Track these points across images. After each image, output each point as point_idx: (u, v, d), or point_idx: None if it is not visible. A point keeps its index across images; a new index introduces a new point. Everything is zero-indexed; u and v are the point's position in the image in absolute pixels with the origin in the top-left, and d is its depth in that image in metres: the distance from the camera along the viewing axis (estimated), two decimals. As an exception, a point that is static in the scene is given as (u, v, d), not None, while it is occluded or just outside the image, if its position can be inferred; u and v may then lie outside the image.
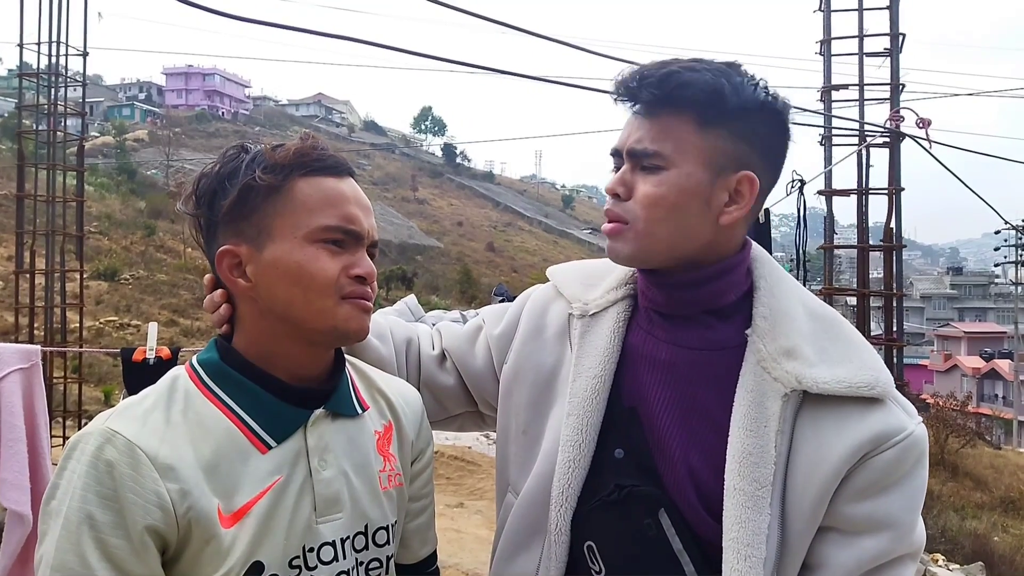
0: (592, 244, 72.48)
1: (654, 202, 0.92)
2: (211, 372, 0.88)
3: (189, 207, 0.91)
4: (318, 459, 0.88)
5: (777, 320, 0.94)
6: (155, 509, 0.78)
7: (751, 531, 0.86)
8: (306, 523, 0.86)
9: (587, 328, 1.03)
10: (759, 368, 0.92)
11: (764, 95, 0.93)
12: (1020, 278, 31.17)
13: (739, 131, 0.92)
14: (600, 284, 1.07)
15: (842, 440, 0.88)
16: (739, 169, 0.93)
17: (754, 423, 0.89)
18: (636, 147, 0.94)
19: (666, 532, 0.92)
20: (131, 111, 73.02)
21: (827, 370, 0.90)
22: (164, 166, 52.88)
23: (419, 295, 1.91)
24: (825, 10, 6.51)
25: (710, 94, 0.90)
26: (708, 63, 0.94)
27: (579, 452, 0.97)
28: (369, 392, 1.00)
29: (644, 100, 0.93)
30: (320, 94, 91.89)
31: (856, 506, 0.88)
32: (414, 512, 1.04)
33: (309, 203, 0.87)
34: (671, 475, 0.93)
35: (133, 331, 23.60)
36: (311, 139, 0.91)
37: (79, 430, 0.88)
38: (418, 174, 74.51)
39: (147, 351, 2.64)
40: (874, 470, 0.88)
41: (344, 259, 0.88)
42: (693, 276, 0.96)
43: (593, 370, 0.99)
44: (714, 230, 0.94)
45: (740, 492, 0.88)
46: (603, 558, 0.95)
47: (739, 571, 0.86)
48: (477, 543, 9.30)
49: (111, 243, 34.22)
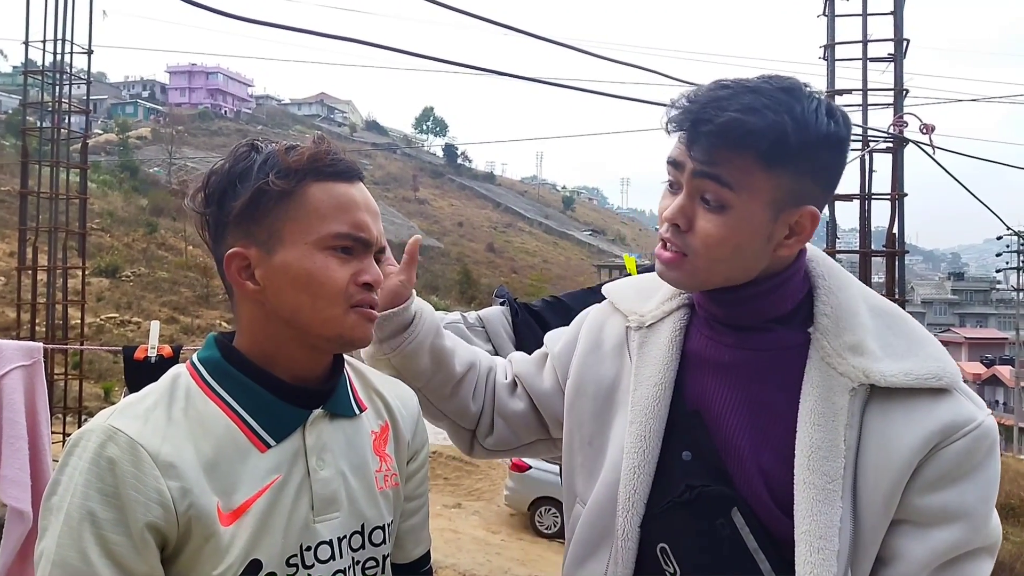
0: (592, 246, 72.50)
1: (717, 243, 0.91)
2: (212, 370, 0.89)
3: (197, 204, 0.91)
4: (316, 459, 0.89)
5: (840, 317, 0.94)
6: (156, 506, 0.79)
7: (823, 524, 0.87)
8: (304, 522, 0.87)
9: (645, 339, 1.04)
10: (824, 364, 0.92)
11: (827, 124, 0.89)
12: (1021, 284, 31.14)
13: (803, 168, 0.89)
14: (654, 296, 1.08)
15: (911, 432, 0.88)
16: (801, 204, 0.91)
17: (822, 417, 0.90)
18: (706, 170, 0.89)
19: (740, 531, 0.92)
20: (134, 109, 73.12)
21: (893, 364, 0.91)
22: (167, 164, 52.94)
23: (418, 295, 1.91)
24: (829, 15, 6.50)
25: (774, 139, 0.86)
26: (768, 94, 0.87)
27: (643, 458, 0.98)
28: (367, 393, 1.01)
29: (703, 147, 0.89)
30: (322, 94, 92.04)
31: (928, 497, 0.88)
32: (409, 512, 1.04)
33: (321, 209, 0.87)
34: (742, 474, 0.94)
35: (134, 328, 23.62)
36: (324, 143, 0.91)
37: (79, 427, 0.89)
38: (419, 174, 74.55)
39: (149, 349, 2.65)
40: (945, 461, 0.88)
41: (353, 266, 0.89)
42: (751, 291, 0.96)
43: (653, 378, 1.01)
44: (770, 259, 0.95)
45: (811, 485, 0.88)
46: (677, 559, 0.96)
47: (812, 563, 0.86)
48: (474, 544, 9.31)
49: (113, 240, 34.23)
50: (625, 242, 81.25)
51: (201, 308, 29.42)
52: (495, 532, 10.13)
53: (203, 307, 29.62)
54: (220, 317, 27.35)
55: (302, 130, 69.71)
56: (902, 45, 6.19)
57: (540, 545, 9.70)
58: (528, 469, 10.05)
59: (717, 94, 0.89)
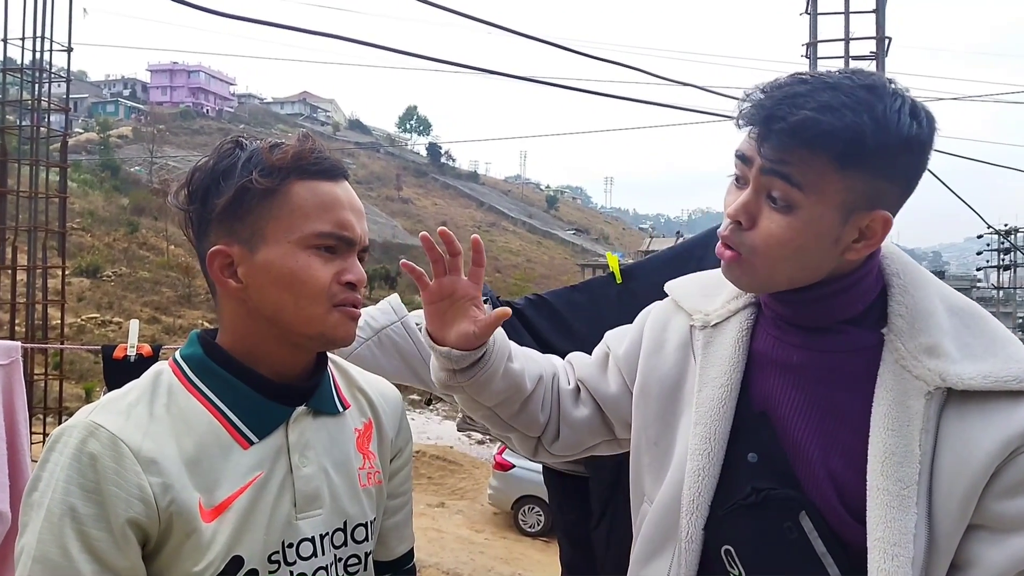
0: (575, 245, 72.58)
1: (779, 243, 0.88)
2: (195, 367, 0.88)
3: (181, 201, 0.90)
4: (299, 456, 0.89)
5: (916, 318, 0.91)
6: (137, 502, 0.78)
7: (897, 531, 0.85)
8: (286, 519, 0.86)
9: (710, 339, 1.02)
10: (898, 367, 0.89)
11: (909, 126, 0.84)
12: (1002, 282, 31.61)
13: (879, 170, 0.85)
14: (719, 294, 1.05)
15: (990, 436, 0.85)
16: (874, 208, 0.87)
17: (896, 422, 0.87)
18: (775, 168, 0.86)
19: (808, 535, 0.90)
20: (115, 108, 72.23)
21: (971, 366, 0.87)
22: (148, 163, 52.31)
23: (403, 295, 1.91)
24: (811, 13, 6.55)
25: (850, 140, 0.82)
26: (849, 92, 0.83)
27: (708, 460, 0.96)
28: (350, 390, 1.01)
29: (774, 145, 0.85)
30: (305, 92, 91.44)
31: (1007, 503, 0.85)
32: (392, 509, 1.04)
33: (304, 208, 0.87)
34: (810, 478, 0.91)
35: (115, 328, 23.32)
36: (309, 141, 0.90)
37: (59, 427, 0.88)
38: (403, 173, 74.27)
39: (128, 348, 2.62)
40: (1022, 465, 0.84)
41: (336, 265, 0.88)
42: (818, 293, 0.93)
43: (719, 379, 0.98)
44: (837, 262, 0.91)
45: (884, 492, 0.86)
46: (742, 562, 0.94)
47: (886, 571, 0.84)
48: (458, 543, 9.30)
49: (93, 240, 33.80)
50: (609, 241, 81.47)
51: (183, 308, 29.13)
52: (479, 531, 10.13)
53: (185, 307, 29.33)
54: (202, 317, 27.09)
55: (285, 128, 69.12)
56: (884, 43, 6.24)
57: (524, 544, 9.71)
58: (511, 468, 10.05)
59: (794, 90, 0.85)
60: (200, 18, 56.00)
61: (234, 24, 41.33)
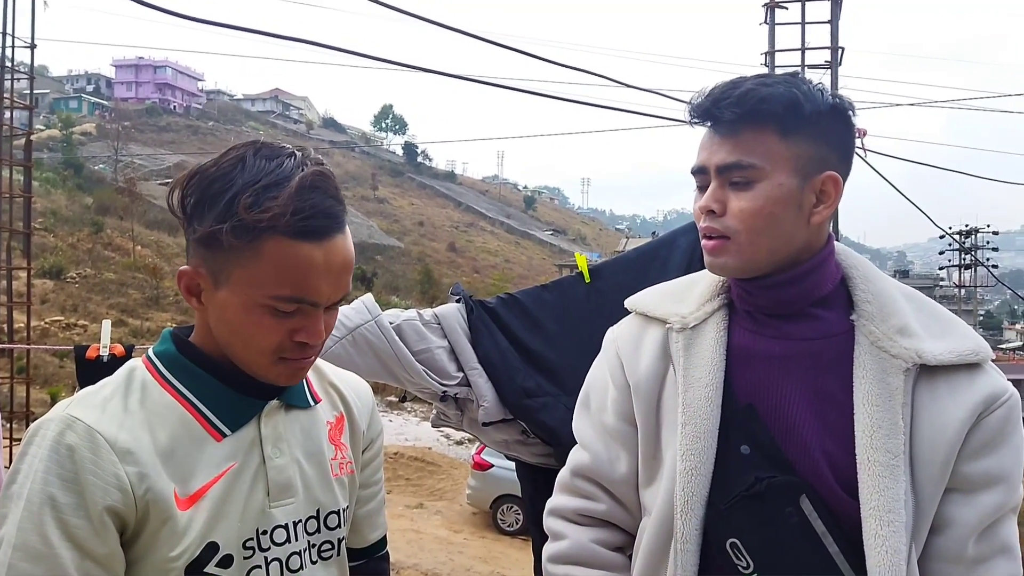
0: (553, 245, 72.76)
1: (753, 215, 0.97)
2: (168, 363, 0.90)
3: (174, 202, 0.88)
4: (271, 447, 0.91)
5: (883, 303, 0.99)
6: (114, 491, 0.81)
7: (890, 498, 0.91)
8: (260, 507, 0.89)
9: (690, 340, 1.05)
10: (875, 348, 0.97)
11: (832, 98, 0.98)
12: (964, 281, 32.43)
13: (817, 135, 0.97)
14: (689, 298, 1.09)
15: (958, 405, 0.94)
16: (822, 170, 0.98)
17: (879, 398, 0.94)
18: (727, 162, 0.97)
19: (808, 517, 0.95)
20: (78, 104, 70.60)
21: (938, 343, 0.96)
22: (113, 161, 51.25)
23: (379, 296, 1.94)
24: (769, 23, 6.75)
25: (788, 104, 0.94)
26: (775, 76, 0.98)
27: (700, 459, 0.99)
28: (322, 385, 1.03)
29: (726, 120, 0.96)
30: (277, 89, 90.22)
31: (974, 464, 0.94)
32: (365, 498, 1.07)
33: (273, 267, 0.82)
34: (806, 461, 0.96)
35: (80, 331, 22.83)
36: (308, 196, 0.82)
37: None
38: (378, 173, 73.75)
39: (101, 348, 2.61)
40: (987, 429, 0.94)
41: (293, 323, 0.86)
42: (793, 274, 1.00)
43: (703, 378, 1.02)
44: (807, 231, 0.99)
45: (875, 463, 0.92)
46: (750, 553, 0.97)
47: (883, 536, 0.90)
48: (436, 543, 9.29)
49: (57, 240, 33.02)
50: (586, 241, 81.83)
51: (151, 310, 28.61)
52: (457, 531, 10.13)
53: (153, 309, 28.81)
54: (171, 320, 26.63)
55: (255, 126, 68.22)
56: (838, 53, 6.46)
57: (502, 543, 9.74)
58: (490, 468, 10.06)
59: (732, 81, 0.99)
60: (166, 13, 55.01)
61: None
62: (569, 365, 1.78)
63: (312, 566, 0.94)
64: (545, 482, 2.16)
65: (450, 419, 1.95)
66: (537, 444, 1.93)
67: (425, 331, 1.87)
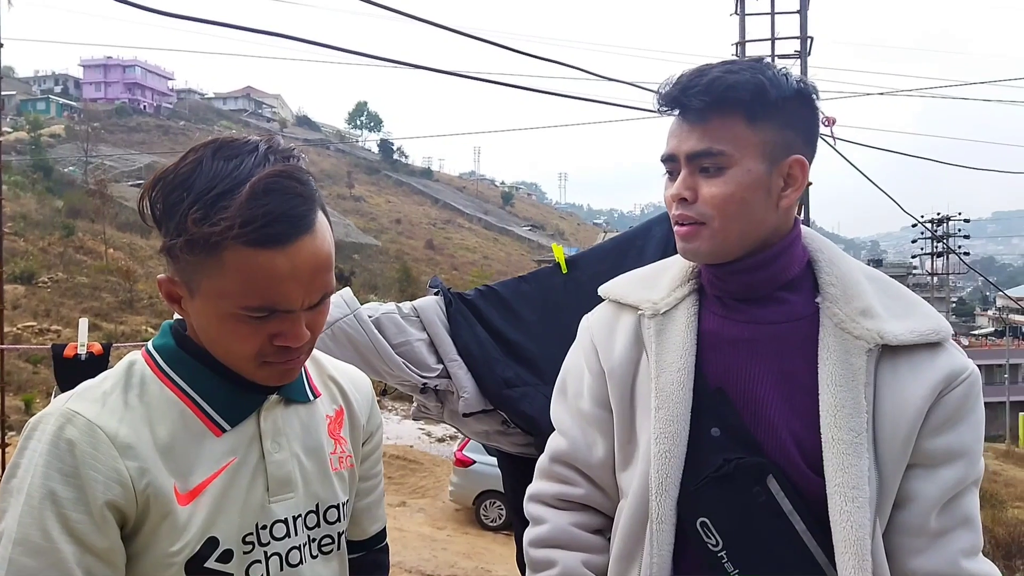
0: (532, 241, 72.86)
1: (724, 200, 0.98)
2: (167, 358, 0.90)
3: (144, 210, 0.86)
4: (271, 442, 0.91)
5: (847, 285, 1.02)
6: (115, 485, 0.81)
7: (854, 475, 0.94)
8: (259, 502, 0.89)
9: (661, 326, 1.07)
10: (839, 330, 0.99)
11: (797, 82, 1.00)
12: (936, 268, 33.03)
13: (784, 120, 0.99)
14: (660, 284, 1.11)
15: (919, 383, 0.97)
16: (789, 154, 1.00)
17: (842, 379, 0.97)
18: (697, 149, 0.99)
19: (775, 496, 0.98)
20: (46, 105, 69.14)
21: (899, 324, 0.99)
22: (83, 163, 50.38)
23: (357, 294, 1.93)
24: (740, 14, 6.84)
25: (754, 91, 0.96)
26: (741, 63, 1.00)
27: (673, 442, 1.02)
28: (321, 379, 1.03)
29: (695, 107, 0.98)
30: (249, 87, 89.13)
31: (935, 440, 0.97)
32: (364, 491, 1.08)
33: (237, 278, 0.80)
34: (773, 441, 0.99)
35: (53, 336, 22.42)
36: (262, 201, 0.78)
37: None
38: (354, 171, 73.27)
39: (79, 347, 2.58)
40: (947, 406, 0.97)
41: (271, 328, 0.84)
42: (761, 258, 1.02)
43: (676, 363, 1.04)
44: (776, 214, 1.02)
45: (839, 442, 0.95)
46: (719, 531, 1.00)
47: (848, 512, 0.93)
48: (420, 540, 9.28)
49: (27, 244, 32.40)
50: (564, 236, 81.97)
51: (125, 314, 28.18)
52: (441, 528, 10.14)
53: (127, 312, 28.39)
54: (146, 323, 26.28)
55: (227, 125, 67.29)
56: (807, 43, 6.57)
57: (486, 538, 9.76)
58: (472, 464, 10.08)
59: (699, 68, 1.01)
60: (135, 11, 53.88)
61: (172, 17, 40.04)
62: (548, 355, 1.79)
63: (312, 560, 0.94)
64: (526, 472, 2.17)
65: (430, 411, 1.95)
66: (517, 434, 1.94)
67: (404, 324, 1.88)
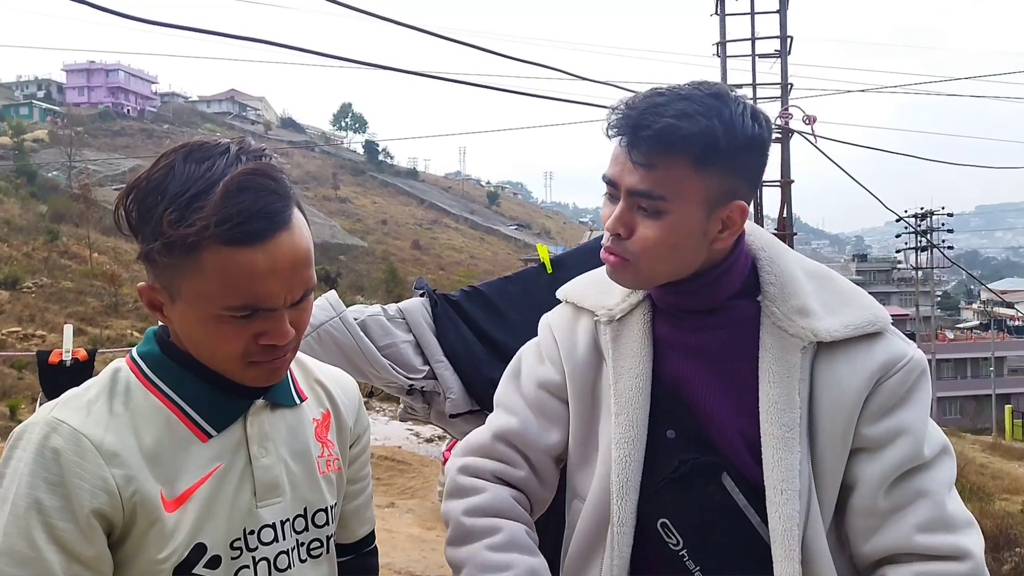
0: (518, 240, 72.85)
1: (655, 245, 0.99)
2: (152, 364, 0.90)
3: (120, 219, 0.86)
4: (257, 447, 0.91)
5: (784, 284, 1.04)
6: (101, 493, 0.81)
7: (785, 468, 0.98)
8: (246, 507, 0.89)
9: (617, 332, 1.09)
10: (776, 328, 1.02)
11: (752, 127, 0.97)
12: (921, 263, 33.37)
13: (731, 167, 0.98)
14: (615, 289, 1.11)
15: (856, 375, 0.99)
16: (730, 200, 0.99)
17: (777, 375, 1.00)
18: (638, 188, 0.97)
19: (731, 492, 1.01)
20: (29, 110, 68.35)
21: (834, 319, 1.01)
22: (66, 167, 49.80)
23: (344, 296, 1.95)
24: (720, 14, 6.91)
25: (706, 142, 0.94)
26: (699, 100, 0.95)
27: (633, 447, 1.04)
28: (307, 382, 1.03)
29: (642, 151, 0.96)
30: (233, 90, 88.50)
31: (875, 426, 0.99)
32: (352, 494, 1.08)
33: (217, 279, 0.80)
34: (725, 440, 1.02)
35: (38, 341, 22.16)
36: (236, 200, 0.79)
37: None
38: (339, 172, 72.95)
39: (64, 353, 2.57)
40: (885, 393, 0.99)
41: (255, 327, 0.84)
42: (700, 282, 1.04)
43: (633, 369, 1.06)
44: (709, 252, 1.02)
45: (772, 436, 0.99)
46: (679, 531, 1.02)
47: (778, 504, 0.97)
48: (409, 542, 9.26)
49: (11, 250, 32.06)
50: (551, 235, 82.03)
51: (110, 318, 27.93)
52: (430, 528, 10.12)
53: (112, 317, 28.14)
54: (131, 327, 26.04)
55: (212, 128, 66.80)
56: (787, 42, 6.65)
57: (476, 538, 9.74)
58: (461, 463, 10.05)
59: (654, 101, 0.97)
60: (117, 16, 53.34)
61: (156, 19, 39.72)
62: (533, 355, 1.81)
63: (301, 564, 0.94)
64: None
65: (417, 412, 1.97)
66: (504, 433, 1.96)
67: (390, 326, 1.89)
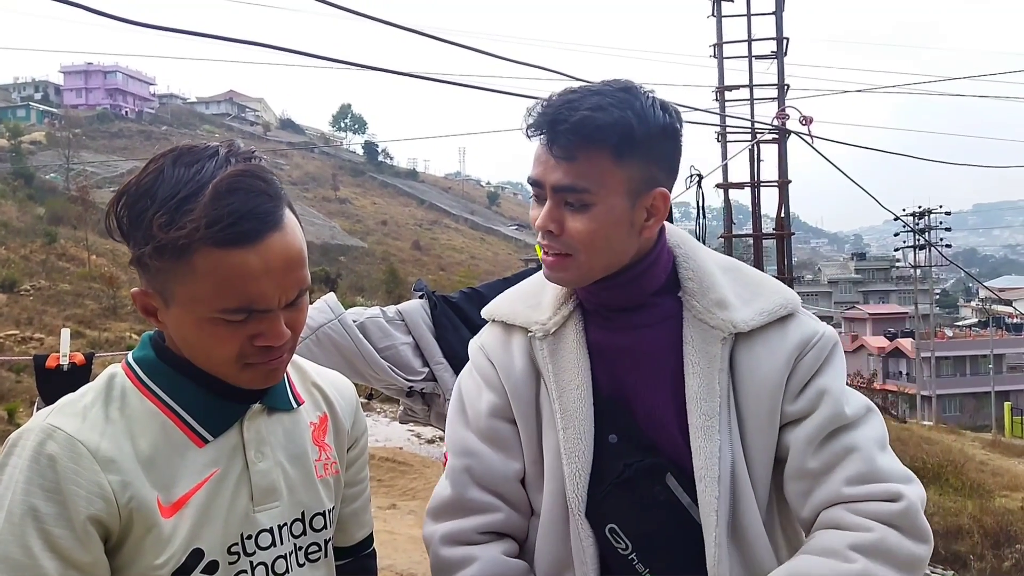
0: (519, 240, 72.85)
1: (589, 237, 1.01)
2: (147, 369, 0.90)
3: (111, 227, 0.86)
4: (254, 451, 0.91)
5: (702, 278, 1.07)
6: (98, 500, 0.80)
7: (706, 455, 1.01)
8: (244, 512, 0.89)
9: (554, 347, 1.09)
10: (697, 321, 1.05)
11: (663, 117, 1.02)
12: (918, 261, 33.41)
13: (649, 156, 1.01)
14: (543, 303, 1.13)
15: (775, 357, 1.03)
16: (652, 188, 1.03)
17: (698, 367, 1.03)
18: (562, 183, 1.00)
19: (674, 492, 1.03)
20: (26, 112, 68.30)
21: (749, 309, 1.05)
22: (64, 170, 49.79)
23: (344, 297, 1.94)
24: (717, 16, 6.93)
25: (622, 132, 0.97)
26: (611, 94, 1.00)
27: (583, 459, 1.04)
28: (304, 386, 1.03)
29: (562, 144, 0.99)
30: (231, 91, 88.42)
31: (797, 402, 1.03)
32: (350, 497, 1.08)
33: (210, 281, 0.80)
34: (666, 439, 1.04)
35: (36, 344, 22.14)
36: (226, 201, 0.79)
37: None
38: (339, 173, 72.92)
39: (61, 357, 2.56)
40: (802, 368, 1.04)
41: (250, 329, 0.84)
42: (628, 275, 1.06)
43: (574, 380, 1.07)
44: (639, 242, 1.05)
45: (696, 427, 1.02)
46: (627, 535, 1.03)
47: (700, 489, 1.01)
48: (411, 543, 9.25)
49: (9, 252, 32.04)
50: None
51: (108, 321, 27.92)
52: (431, 529, 10.10)
53: (111, 319, 28.13)
54: (130, 329, 26.04)
55: (210, 129, 66.83)
56: (783, 43, 6.67)
57: (476, 539, 9.72)
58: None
59: (568, 97, 1.01)
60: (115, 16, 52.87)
61: (153, 20, 39.78)
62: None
63: (299, 568, 0.94)
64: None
65: (417, 414, 1.96)
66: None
67: (389, 328, 1.89)
